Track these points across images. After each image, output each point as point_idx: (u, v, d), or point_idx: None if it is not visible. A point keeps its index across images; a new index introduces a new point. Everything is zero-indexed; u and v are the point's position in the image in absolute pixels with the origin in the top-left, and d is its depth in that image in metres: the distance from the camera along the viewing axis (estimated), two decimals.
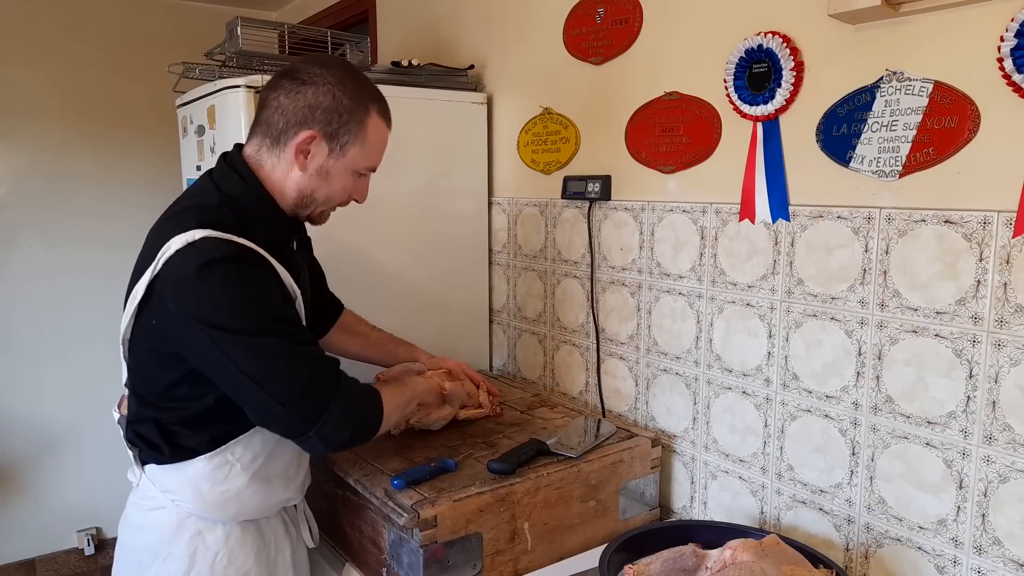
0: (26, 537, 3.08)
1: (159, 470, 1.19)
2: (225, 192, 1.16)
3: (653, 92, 1.61)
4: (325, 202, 1.23)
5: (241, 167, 1.18)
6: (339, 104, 1.15)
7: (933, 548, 1.19)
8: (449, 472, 1.33)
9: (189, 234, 1.06)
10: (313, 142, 1.15)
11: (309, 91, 1.14)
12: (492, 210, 2.15)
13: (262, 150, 1.18)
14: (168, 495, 1.19)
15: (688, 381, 1.58)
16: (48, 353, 3.07)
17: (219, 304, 1.05)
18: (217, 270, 1.05)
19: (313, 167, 1.17)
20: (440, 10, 2.33)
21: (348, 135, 1.17)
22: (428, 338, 2.03)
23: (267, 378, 1.06)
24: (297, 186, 1.18)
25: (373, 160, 1.23)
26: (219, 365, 1.07)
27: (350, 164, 1.20)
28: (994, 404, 1.10)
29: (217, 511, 1.20)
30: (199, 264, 1.04)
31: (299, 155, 1.16)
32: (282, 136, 1.16)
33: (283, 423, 1.10)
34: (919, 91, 1.15)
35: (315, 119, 1.15)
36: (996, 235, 1.08)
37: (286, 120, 1.15)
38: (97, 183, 3.13)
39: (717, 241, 1.49)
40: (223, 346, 1.05)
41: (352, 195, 1.25)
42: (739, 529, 1.32)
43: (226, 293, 1.06)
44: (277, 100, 1.16)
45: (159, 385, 1.15)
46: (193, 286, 1.05)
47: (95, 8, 3.10)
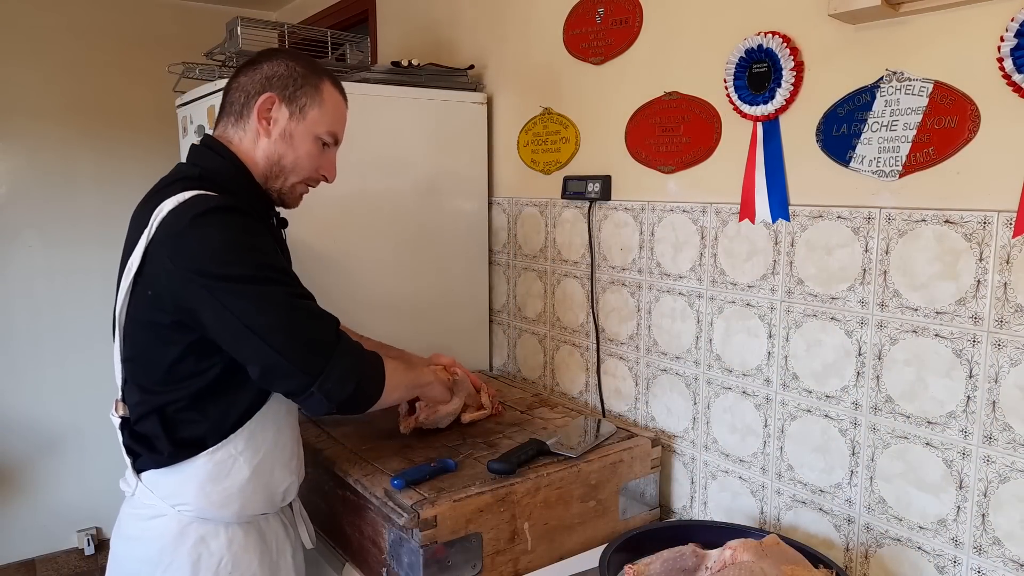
0: (26, 537, 3.09)
1: (158, 475, 1.17)
2: (203, 167, 1.18)
3: (653, 92, 1.61)
4: (293, 171, 1.24)
5: (213, 144, 1.21)
6: (293, 71, 1.21)
7: (933, 548, 1.19)
8: (449, 472, 1.33)
9: (180, 196, 1.07)
10: (274, 106, 1.20)
11: (264, 65, 1.21)
12: (492, 210, 2.15)
13: (227, 128, 1.22)
14: (168, 500, 1.17)
15: (688, 381, 1.58)
16: (48, 353, 3.08)
17: (216, 251, 1.05)
18: (211, 218, 1.06)
19: (276, 132, 1.20)
20: (440, 10, 2.33)
21: (305, 97, 1.21)
22: (428, 338, 2.03)
23: (269, 328, 1.06)
24: (265, 153, 1.21)
25: (333, 125, 1.26)
26: (221, 319, 1.06)
27: (311, 127, 1.22)
28: (994, 404, 1.10)
29: (221, 510, 1.19)
30: (192, 215, 1.05)
31: (261, 120, 1.19)
32: (244, 109, 1.21)
33: (286, 377, 1.09)
34: (919, 91, 1.15)
35: (272, 85, 1.20)
36: (996, 235, 1.08)
37: (246, 94, 1.20)
38: (97, 183, 3.14)
39: (717, 241, 1.49)
40: (223, 297, 1.05)
41: (320, 169, 1.27)
42: (739, 529, 1.31)
43: (223, 239, 1.06)
44: (236, 81, 1.22)
45: (162, 366, 1.13)
46: (188, 238, 1.05)
47: (95, 8, 3.10)
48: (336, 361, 1.11)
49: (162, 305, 1.09)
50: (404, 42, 2.55)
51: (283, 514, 1.33)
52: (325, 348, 1.10)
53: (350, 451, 1.47)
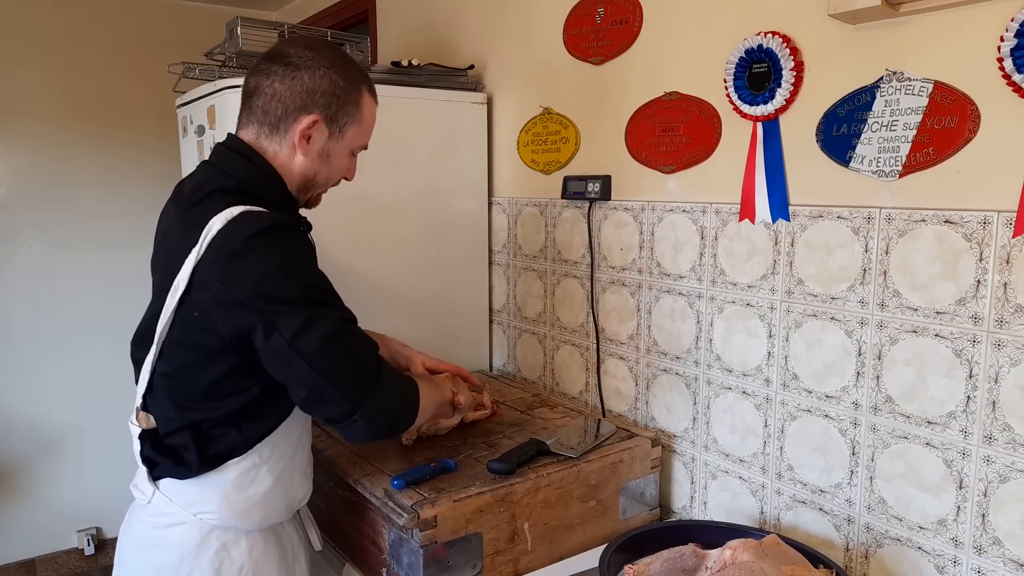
0: (26, 537, 3.09)
1: (179, 484, 1.14)
2: (236, 176, 1.13)
3: (653, 92, 1.61)
4: (324, 183, 1.23)
5: (247, 151, 1.16)
6: (336, 87, 1.16)
7: (933, 548, 1.19)
8: (449, 472, 1.33)
9: (228, 212, 1.04)
10: (315, 126, 1.16)
11: (305, 76, 1.14)
12: (492, 210, 2.15)
13: (261, 137, 1.16)
14: (190, 509, 1.14)
15: (688, 381, 1.58)
16: (48, 353, 3.07)
17: (269, 274, 1.03)
18: (264, 241, 1.03)
19: (315, 150, 1.18)
20: (440, 10, 2.33)
21: (347, 117, 1.18)
22: (428, 338, 2.03)
23: (318, 354, 1.04)
24: (301, 170, 1.18)
25: (367, 138, 1.26)
26: (270, 341, 1.03)
27: (348, 144, 1.21)
28: (994, 404, 1.10)
29: (243, 519, 1.16)
30: (246, 236, 1.02)
31: (302, 140, 1.16)
32: (281, 123, 1.15)
33: (331, 404, 1.07)
34: (919, 91, 1.15)
35: (315, 104, 1.15)
36: (996, 235, 1.08)
37: (284, 107, 1.14)
38: (97, 183, 3.13)
39: (717, 241, 1.49)
40: (274, 319, 1.02)
41: (344, 174, 1.27)
42: (739, 529, 1.32)
43: (275, 262, 1.04)
44: (272, 87, 1.14)
45: (201, 385, 1.10)
46: (241, 260, 1.02)
47: (95, 8, 3.10)
48: (380, 389, 1.09)
49: (209, 327, 1.06)
50: (404, 42, 2.55)
51: (295, 518, 1.33)
52: (369, 376, 1.09)
53: (350, 451, 1.47)
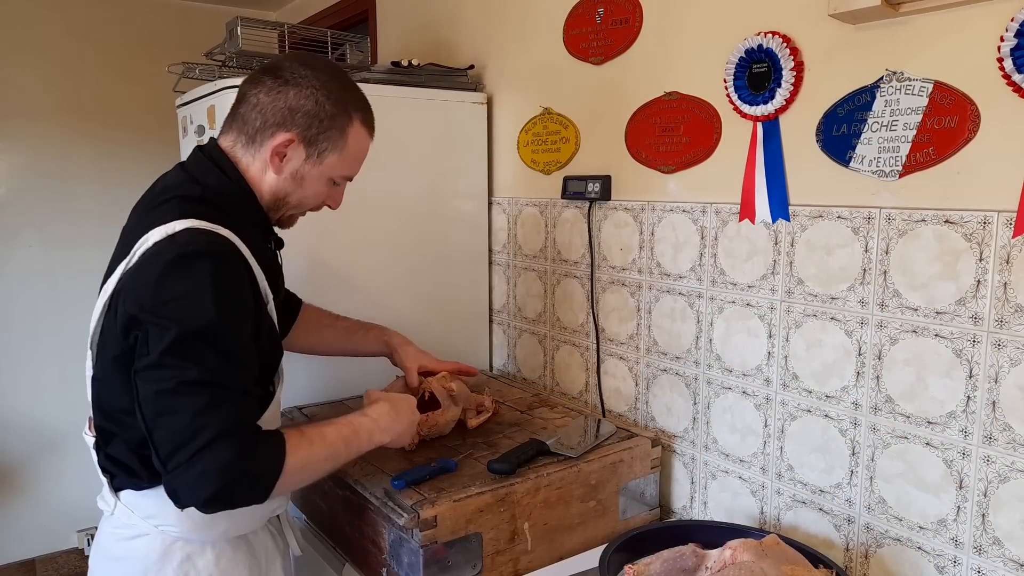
0: (26, 537, 3.09)
1: (137, 495, 1.11)
2: (205, 184, 1.10)
3: (653, 92, 1.61)
4: (297, 206, 1.19)
5: (220, 159, 1.12)
6: (321, 109, 1.11)
7: (933, 548, 1.19)
8: (449, 472, 1.33)
9: (170, 225, 1.00)
10: (290, 146, 1.11)
11: (291, 92, 1.10)
12: (492, 210, 2.15)
13: (237, 146, 1.13)
14: (151, 521, 1.11)
15: (688, 381, 1.58)
16: (48, 353, 3.08)
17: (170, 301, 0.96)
18: (187, 265, 0.97)
19: (288, 171, 1.13)
20: (440, 10, 2.33)
21: (327, 143, 1.13)
22: (428, 338, 2.03)
23: (146, 403, 0.97)
24: (271, 188, 1.14)
25: (350, 170, 1.20)
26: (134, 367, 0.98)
27: (326, 172, 1.16)
28: (994, 404, 1.10)
29: (207, 530, 1.13)
30: (172, 255, 0.98)
31: (275, 157, 1.11)
32: (258, 135, 1.11)
33: (153, 454, 0.97)
34: (919, 91, 1.15)
35: (294, 122, 1.10)
36: (996, 235, 1.08)
37: (264, 119, 1.10)
38: (97, 183, 3.14)
39: (717, 241, 1.49)
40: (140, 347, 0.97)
41: (326, 201, 1.22)
42: (739, 529, 1.32)
43: (182, 291, 0.97)
44: (256, 97, 1.11)
45: (123, 394, 1.04)
46: (157, 277, 0.97)
47: (95, 8, 3.11)
48: (199, 461, 0.93)
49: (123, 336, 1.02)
50: (404, 42, 2.55)
51: (271, 523, 1.29)
52: (192, 445, 0.93)
53: None
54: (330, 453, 1.09)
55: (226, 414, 0.97)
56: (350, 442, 1.13)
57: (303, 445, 1.05)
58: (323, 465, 1.09)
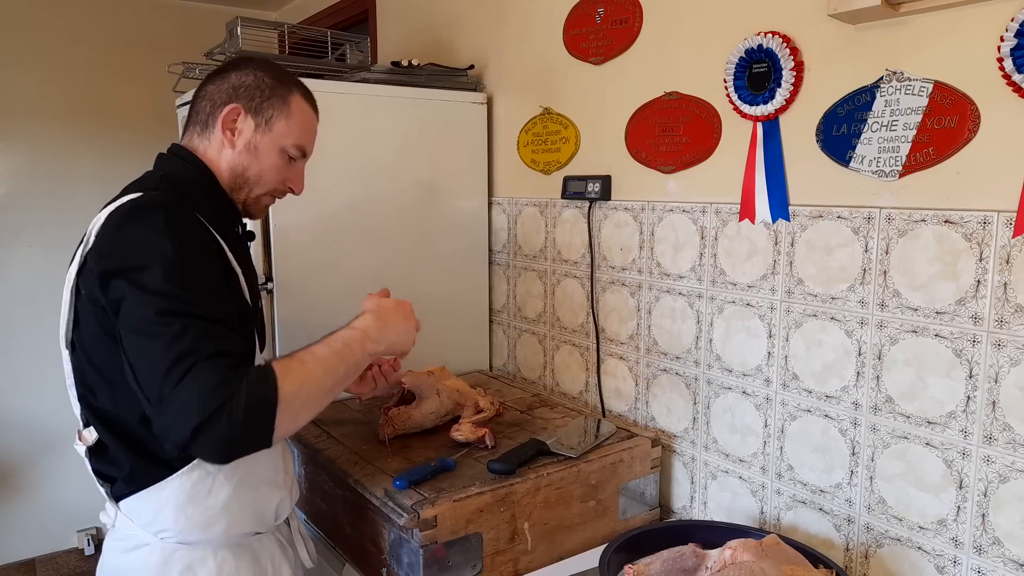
0: (26, 537, 3.09)
1: (135, 502, 1.10)
2: (165, 173, 1.15)
3: (653, 92, 1.61)
4: (258, 183, 1.20)
5: (179, 151, 1.19)
6: (261, 82, 1.18)
7: (933, 548, 1.19)
8: (448, 471, 1.33)
9: (117, 202, 1.05)
10: (239, 117, 1.17)
11: (232, 75, 1.19)
12: (492, 210, 2.15)
13: (194, 137, 1.20)
14: (149, 529, 1.11)
15: (688, 381, 1.58)
16: (48, 353, 3.06)
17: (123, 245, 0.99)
18: (142, 214, 1.01)
19: (241, 143, 1.18)
20: (440, 10, 2.33)
21: (272, 109, 1.19)
22: (428, 338, 2.03)
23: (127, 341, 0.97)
24: (229, 164, 1.18)
25: (300, 139, 1.22)
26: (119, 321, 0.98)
27: (277, 140, 1.20)
28: (994, 404, 1.10)
29: (205, 532, 1.12)
30: (125, 211, 1.02)
31: (226, 131, 1.17)
32: (209, 119, 1.18)
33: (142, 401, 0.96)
34: (919, 91, 1.15)
35: (238, 96, 1.17)
36: (996, 235, 1.08)
37: (212, 103, 1.18)
38: (97, 183, 3.13)
39: (717, 241, 1.49)
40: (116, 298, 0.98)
41: (287, 182, 1.24)
42: (739, 529, 1.32)
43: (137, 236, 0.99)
44: (204, 90, 1.20)
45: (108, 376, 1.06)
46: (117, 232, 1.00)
47: (95, 8, 3.10)
48: (180, 392, 0.90)
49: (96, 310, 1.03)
50: (404, 42, 2.55)
51: (279, 532, 1.27)
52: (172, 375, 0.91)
53: (350, 451, 1.47)
54: (326, 370, 1.04)
55: (205, 340, 0.94)
56: (343, 356, 1.08)
57: (294, 368, 1.00)
58: (322, 383, 1.03)
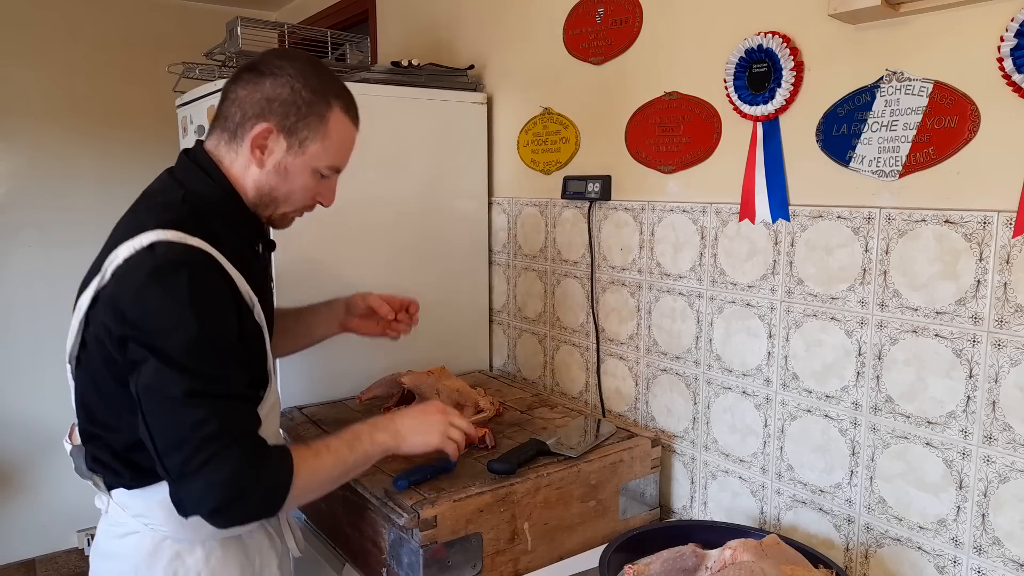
0: (26, 537, 3.09)
1: (127, 495, 1.11)
2: (188, 189, 1.09)
3: (653, 92, 1.61)
4: (286, 202, 1.16)
5: (204, 161, 1.12)
6: (298, 97, 1.10)
7: (933, 548, 1.19)
8: (449, 472, 1.33)
9: (138, 239, 0.99)
10: (270, 136, 1.10)
11: (267, 82, 1.09)
12: (492, 210, 2.15)
13: (220, 144, 1.13)
14: (140, 519, 1.11)
15: (688, 381, 1.58)
16: (48, 353, 3.07)
17: (149, 316, 0.97)
18: (164, 279, 0.98)
19: (271, 164, 1.12)
20: (440, 10, 2.33)
21: (307, 130, 1.11)
22: (428, 338, 2.03)
23: (150, 416, 0.97)
24: (255, 183, 1.13)
25: (336, 159, 1.17)
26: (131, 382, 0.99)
27: (310, 162, 1.13)
28: (994, 404, 1.10)
29: (196, 531, 1.11)
30: (146, 271, 0.98)
31: (255, 150, 1.10)
32: (239, 130, 1.11)
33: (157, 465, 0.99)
34: (919, 91, 1.15)
35: (272, 111, 1.09)
36: (996, 235, 1.08)
37: (243, 113, 1.10)
38: (97, 183, 3.14)
39: (717, 241, 1.49)
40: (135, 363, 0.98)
41: (316, 197, 1.19)
42: (739, 529, 1.31)
43: (163, 306, 0.97)
44: (235, 92, 1.11)
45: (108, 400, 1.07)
46: (134, 297, 0.98)
47: (95, 8, 3.11)
48: (204, 473, 0.95)
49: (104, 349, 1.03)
50: (404, 42, 2.55)
51: (268, 523, 1.26)
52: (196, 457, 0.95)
53: None
54: (336, 459, 1.10)
55: (229, 422, 0.99)
56: (353, 445, 1.13)
57: (309, 456, 1.07)
58: (332, 471, 1.10)
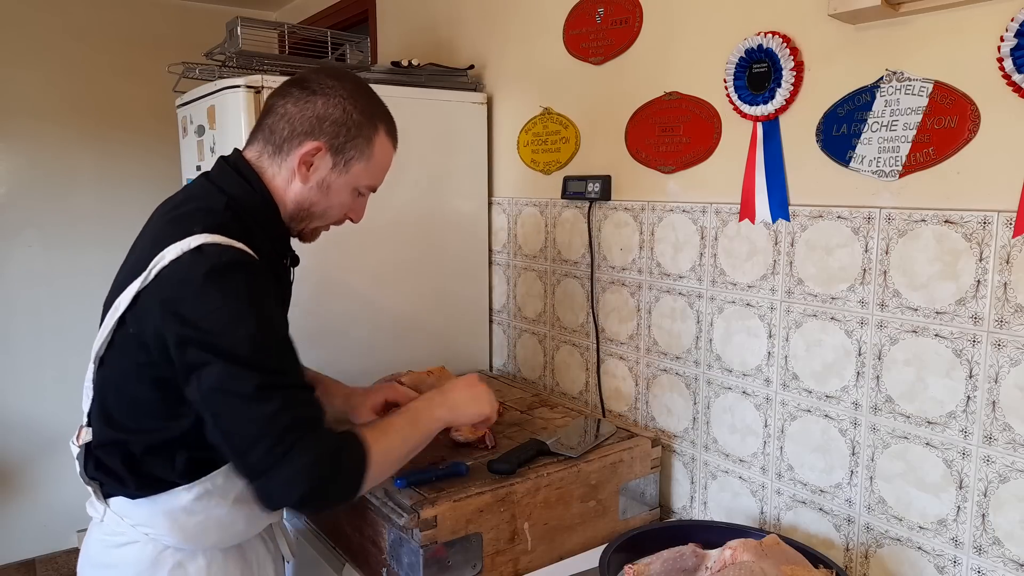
0: (26, 537, 3.09)
1: (129, 504, 1.10)
2: (230, 195, 1.10)
3: (653, 92, 1.61)
4: (321, 217, 1.19)
5: (245, 170, 1.13)
6: (348, 118, 1.12)
7: (933, 548, 1.19)
8: (461, 476, 1.31)
9: (186, 242, 0.99)
10: (318, 154, 1.12)
11: (319, 101, 1.11)
12: (492, 210, 2.15)
13: (263, 156, 1.14)
14: (141, 528, 1.10)
15: (688, 381, 1.58)
16: (48, 353, 3.08)
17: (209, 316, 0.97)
18: (218, 279, 0.98)
19: (315, 180, 1.14)
20: (440, 10, 2.33)
21: (354, 150, 1.14)
22: (428, 338, 2.04)
23: (224, 416, 0.98)
24: (296, 198, 1.14)
25: (375, 179, 1.20)
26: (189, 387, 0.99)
27: (352, 180, 1.16)
28: (994, 404, 1.10)
29: (198, 540, 1.12)
30: (200, 272, 0.98)
31: (302, 166, 1.12)
32: (285, 144, 1.12)
33: (233, 464, 1.02)
34: (919, 91, 1.15)
35: (322, 131, 1.11)
36: (996, 235, 1.08)
37: (292, 128, 1.11)
38: (97, 183, 3.13)
39: (717, 241, 1.49)
40: (198, 364, 0.97)
41: (348, 213, 1.23)
42: (739, 529, 1.32)
43: (220, 304, 0.98)
44: (284, 107, 1.12)
45: (130, 399, 1.07)
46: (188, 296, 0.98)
47: (95, 8, 3.10)
48: (286, 464, 0.96)
49: (144, 350, 1.02)
50: (404, 42, 2.55)
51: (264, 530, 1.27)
52: (277, 448, 0.97)
53: None
54: (402, 436, 1.14)
55: (303, 411, 1.01)
56: (415, 423, 1.17)
57: (378, 436, 1.10)
58: (401, 449, 1.14)
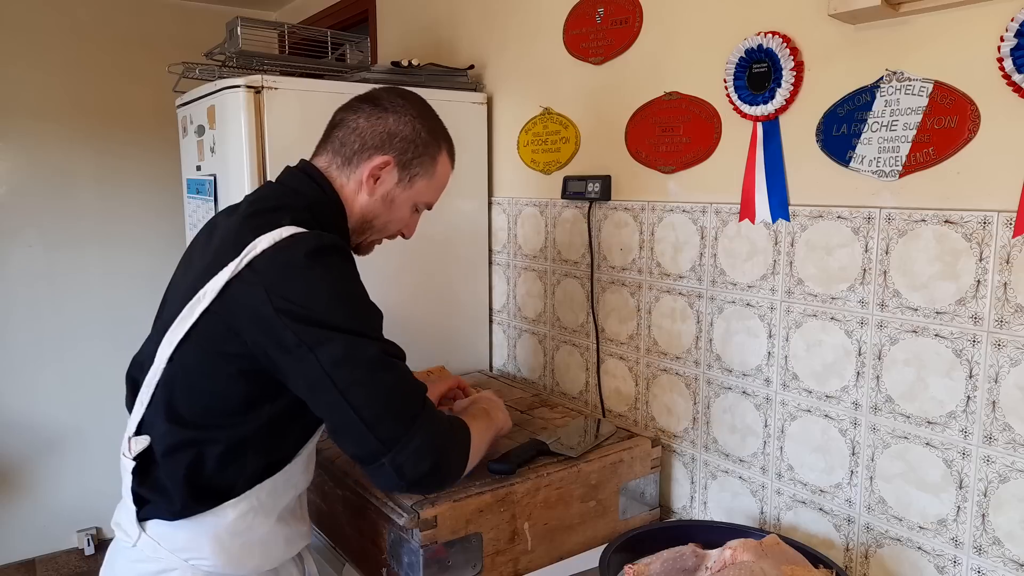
0: (26, 537, 3.09)
1: (167, 527, 1.07)
2: (306, 195, 1.14)
3: (653, 92, 1.61)
4: (381, 230, 1.23)
5: (319, 177, 1.17)
6: (417, 136, 1.18)
7: (933, 548, 1.19)
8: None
9: (277, 232, 1.02)
10: (386, 168, 1.17)
11: (391, 118, 1.17)
12: (492, 210, 2.15)
13: (332, 167, 1.18)
14: (180, 554, 1.07)
15: (688, 381, 1.58)
16: (48, 353, 3.08)
17: (318, 295, 1.00)
18: (321, 260, 1.02)
19: (380, 193, 1.18)
20: (440, 10, 2.33)
21: (419, 167, 1.20)
22: (428, 338, 2.04)
23: (353, 383, 0.99)
24: (361, 208, 1.18)
25: (434, 196, 1.26)
26: (303, 365, 0.98)
27: (414, 196, 1.22)
28: (994, 404, 1.10)
29: (239, 565, 1.10)
30: (302, 253, 1.01)
31: (370, 179, 1.17)
32: (355, 157, 1.17)
33: (358, 443, 1.01)
34: (919, 91, 1.15)
35: (392, 146, 1.17)
36: (996, 235, 1.08)
37: (363, 142, 1.16)
38: (97, 183, 3.13)
39: (717, 241, 1.49)
40: (313, 343, 0.98)
41: (403, 229, 1.27)
42: (739, 529, 1.32)
43: (326, 284, 1.01)
44: (356, 122, 1.17)
45: (208, 397, 1.05)
46: (292, 277, 1.00)
47: (95, 8, 3.10)
48: (415, 432, 1.01)
49: (232, 340, 1.01)
50: (404, 42, 2.55)
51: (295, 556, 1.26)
52: (406, 418, 1.01)
53: None
54: (484, 429, 1.25)
55: (413, 383, 1.07)
56: (488, 422, 1.29)
57: (470, 421, 1.19)
58: (485, 439, 1.26)
